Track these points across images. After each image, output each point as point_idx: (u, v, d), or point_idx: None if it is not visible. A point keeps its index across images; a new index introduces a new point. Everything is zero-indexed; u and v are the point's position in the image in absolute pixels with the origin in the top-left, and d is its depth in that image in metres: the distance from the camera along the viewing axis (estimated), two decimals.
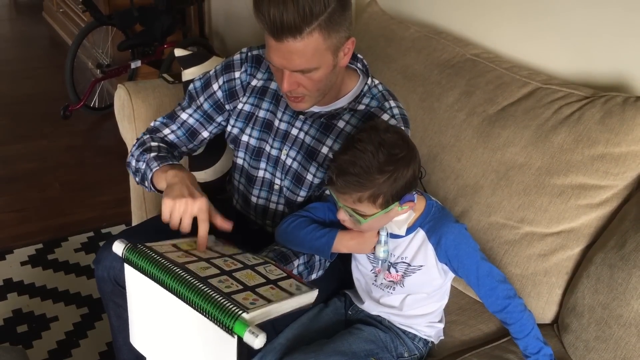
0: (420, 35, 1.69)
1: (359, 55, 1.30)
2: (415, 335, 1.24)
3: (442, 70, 1.57)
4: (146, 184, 1.24)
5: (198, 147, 1.40)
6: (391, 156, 1.01)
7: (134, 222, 1.94)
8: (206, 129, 1.36)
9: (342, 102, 1.26)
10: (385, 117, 1.22)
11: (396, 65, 1.65)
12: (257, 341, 0.83)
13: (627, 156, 1.22)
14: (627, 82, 1.36)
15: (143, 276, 0.97)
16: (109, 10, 3.23)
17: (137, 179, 1.29)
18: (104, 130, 3.20)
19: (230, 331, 0.85)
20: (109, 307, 1.29)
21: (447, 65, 1.57)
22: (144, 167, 1.23)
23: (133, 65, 3.12)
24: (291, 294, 0.96)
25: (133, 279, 1.02)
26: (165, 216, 1.09)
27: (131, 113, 1.72)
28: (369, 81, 1.26)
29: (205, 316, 0.88)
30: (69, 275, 2.08)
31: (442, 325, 1.28)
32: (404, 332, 1.24)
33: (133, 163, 1.29)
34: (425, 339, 1.25)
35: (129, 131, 1.75)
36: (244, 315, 0.85)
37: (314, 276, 1.25)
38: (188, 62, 1.73)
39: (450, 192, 1.45)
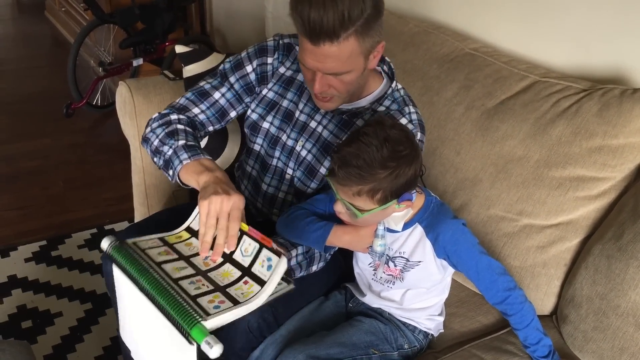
0: (419, 30, 1.70)
1: (386, 59, 1.31)
2: (416, 328, 1.25)
3: (441, 65, 1.58)
4: (170, 172, 1.18)
5: (223, 126, 1.37)
6: (395, 152, 1.01)
7: (137, 219, 1.95)
8: (235, 110, 1.35)
9: (364, 102, 1.27)
10: (404, 121, 1.23)
11: (395, 60, 1.65)
12: (212, 352, 0.83)
13: (625, 148, 1.23)
14: (624, 75, 1.37)
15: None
16: (111, 8, 3.24)
17: (155, 160, 1.23)
18: (106, 128, 3.22)
19: (188, 337, 0.86)
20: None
21: (446, 60, 1.58)
22: (169, 153, 1.18)
23: (135, 63, 3.14)
24: (262, 283, 0.97)
25: (120, 276, 1.03)
26: (202, 219, 1.04)
27: (133, 110, 1.73)
28: (393, 84, 1.28)
29: (169, 320, 0.89)
30: (73, 272, 2.09)
31: (442, 319, 1.29)
32: (404, 324, 1.24)
33: (155, 142, 1.22)
34: (425, 331, 1.26)
35: (131, 128, 1.77)
36: (203, 322, 0.85)
37: (314, 268, 1.26)
38: (189, 58, 1.74)
39: (449, 185, 1.46)
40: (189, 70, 1.74)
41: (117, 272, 1.02)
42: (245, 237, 1.05)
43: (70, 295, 1.99)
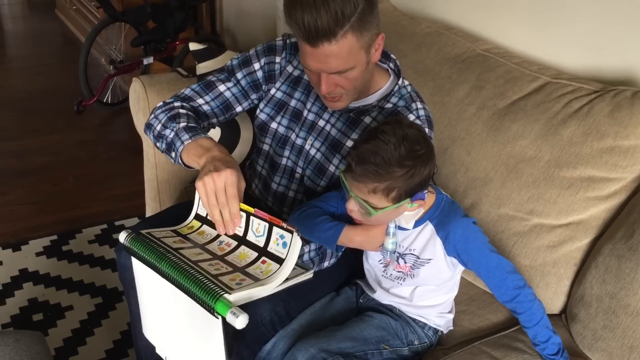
0: (431, 30, 1.71)
1: (392, 56, 1.32)
2: (425, 324, 1.26)
3: (453, 65, 1.59)
4: (173, 154, 1.20)
5: (227, 120, 1.39)
6: (412, 152, 1.03)
7: (148, 214, 1.97)
8: (240, 105, 1.36)
9: (371, 99, 1.28)
10: (411, 117, 1.24)
11: (407, 61, 1.67)
12: (238, 321, 0.84)
13: (636, 149, 1.24)
14: (636, 77, 1.38)
15: (145, 266, 1.00)
16: (122, 7, 3.27)
17: (158, 145, 1.25)
18: (116, 125, 3.24)
19: (213, 312, 0.87)
20: (130, 294, 1.31)
21: (458, 60, 1.59)
22: (171, 135, 1.19)
23: (145, 61, 3.16)
24: (280, 260, 0.98)
25: (140, 271, 1.05)
26: (204, 200, 1.05)
27: (146, 106, 1.75)
28: (400, 81, 1.29)
29: (192, 299, 0.90)
30: (83, 266, 2.11)
31: (451, 316, 1.30)
32: (415, 320, 1.25)
33: (158, 127, 1.24)
34: (435, 328, 1.27)
35: (144, 124, 1.78)
36: (227, 295, 0.86)
37: (326, 264, 1.28)
38: (202, 56, 1.76)
39: (460, 184, 1.47)
40: (203, 68, 1.76)
41: (136, 265, 1.04)
42: (253, 218, 1.06)
43: (80, 289, 2.01)
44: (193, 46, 1.79)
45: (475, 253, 1.13)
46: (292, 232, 1.00)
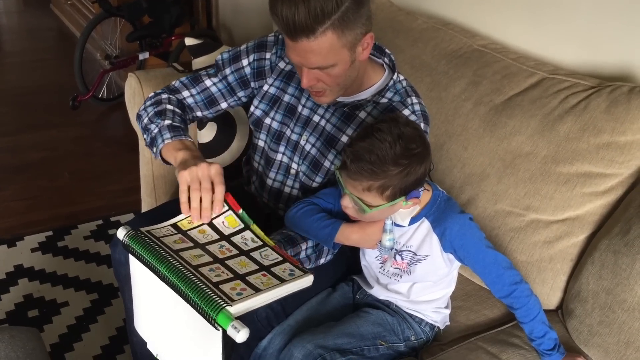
0: (427, 26, 1.70)
1: (387, 51, 1.31)
2: (422, 320, 1.26)
3: (450, 61, 1.58)
4: (154, 150, 1.22)
5: (213, 115, 1.40)
6: (407, 150, 1.02)
7: (144, 210, 1.96)
8: (226, 101, 1.37)
9: (365, 94, 1.28)
10: (406, 112, 1.24)
11: (404, 56, 1.67)
12: (239, 336, 0.84)
13: (632, 145, 1.24)
14: (632, 73, 1.38)
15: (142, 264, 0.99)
16: (118, 1, 3.26)
17: (145, 137, 1.27)
18: (112, 120, 3.23)
19: (214, 323, 0.86)
20: (125, 290, 1.31)
21: (455, 56, 1.59)
22: (155, 131, 1.22)
23: (141, 56, 3.15)
24: (282, 280, 0.97)
25: (136, 266, 1.04)
26: (183, 187, 1.06)
27: (142, 101, 1.74)
28: (395, 76, 1.28)
29: (192, 307, 0.89)
30: (79, 262, 2.10)
31: (448, 311, 1.30)
32: (411, 316, 1.26)
33: (145, 120, 1.26)
34: (431, 324, 1.27)
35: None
36: (228, 308, 0.86)
37: (322, 261, 1.28)
38: (198, 51, 1.75)
39: (456, 180, 1.47)
40: (198, 63, 1.75)
41: (133, 262, 1.03)
42: (268, 248, 1.06)
43: (76, 285, 2.00)
44: (189, 41, 1.78)
45: (472, 249, 1.14)
46: (306, 273, 1.00)
